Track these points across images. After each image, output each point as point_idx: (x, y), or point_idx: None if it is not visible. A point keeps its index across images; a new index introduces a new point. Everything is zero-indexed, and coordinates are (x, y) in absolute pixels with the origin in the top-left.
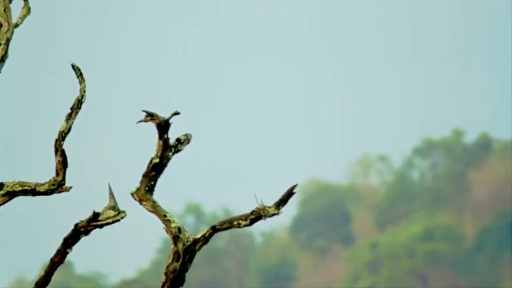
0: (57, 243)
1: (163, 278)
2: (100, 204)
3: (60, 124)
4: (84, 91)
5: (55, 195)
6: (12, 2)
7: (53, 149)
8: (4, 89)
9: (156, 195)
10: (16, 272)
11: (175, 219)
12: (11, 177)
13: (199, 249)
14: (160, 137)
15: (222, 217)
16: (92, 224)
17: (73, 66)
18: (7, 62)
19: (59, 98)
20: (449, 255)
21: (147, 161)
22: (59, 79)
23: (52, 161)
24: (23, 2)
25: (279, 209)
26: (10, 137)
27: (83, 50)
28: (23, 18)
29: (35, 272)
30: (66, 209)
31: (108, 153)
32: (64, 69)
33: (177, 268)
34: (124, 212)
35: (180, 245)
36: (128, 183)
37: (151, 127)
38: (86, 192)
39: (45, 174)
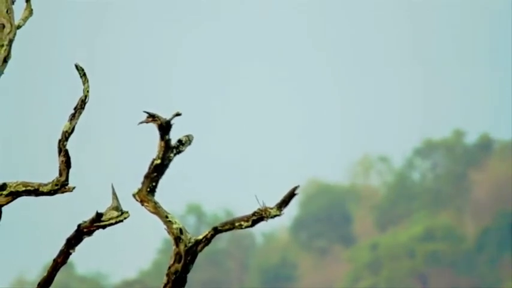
0: (58, 244)
1: (165, 279)
2: (101, 205)
3: (64, 124)
4: (88, 91)
5: (56, 196)
6: (15, 3)
7: (55, 149)
8: (6, 89)
9: (157, 196)
10: (16, 272)
11: (176, 220)
12: (13, 177)
13: (201, 250)
14: (162, 138)
15: (222, 218)
16: (95, 224)
17: (76, 66)
18: (9, 62)
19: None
20: (449, 255)
21: (149, 162)
22: (61, 80)
23: (55, 161)
24: (25, 4)
25: (281, 210)
26: (12, 137)
27: (83, 51)
28: (25, 19)
29: (35, 272)
30: (66, 209)
31: (110, 154)
32: (65, 69)
33: (179, 269)
34: (127, 212)
35: (181, 246)
36: (130, 184)
37: (153, 128)
38: (86, 192)
39: (48, 174)
